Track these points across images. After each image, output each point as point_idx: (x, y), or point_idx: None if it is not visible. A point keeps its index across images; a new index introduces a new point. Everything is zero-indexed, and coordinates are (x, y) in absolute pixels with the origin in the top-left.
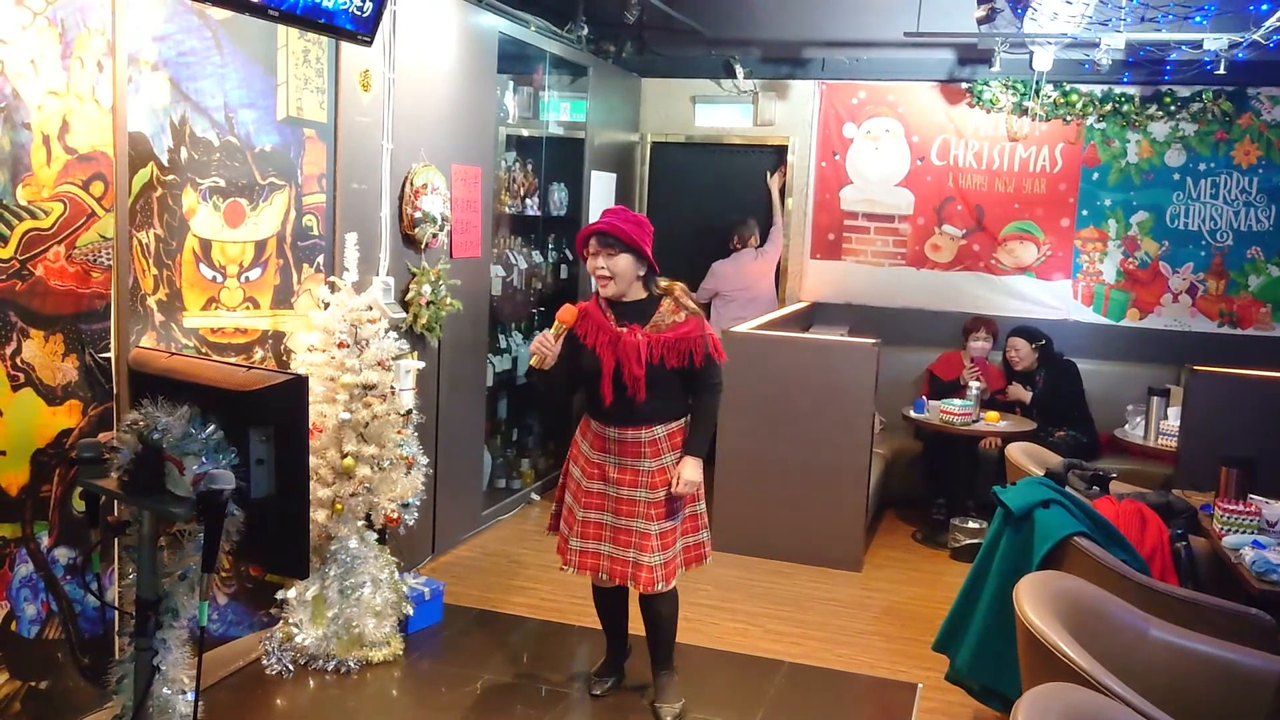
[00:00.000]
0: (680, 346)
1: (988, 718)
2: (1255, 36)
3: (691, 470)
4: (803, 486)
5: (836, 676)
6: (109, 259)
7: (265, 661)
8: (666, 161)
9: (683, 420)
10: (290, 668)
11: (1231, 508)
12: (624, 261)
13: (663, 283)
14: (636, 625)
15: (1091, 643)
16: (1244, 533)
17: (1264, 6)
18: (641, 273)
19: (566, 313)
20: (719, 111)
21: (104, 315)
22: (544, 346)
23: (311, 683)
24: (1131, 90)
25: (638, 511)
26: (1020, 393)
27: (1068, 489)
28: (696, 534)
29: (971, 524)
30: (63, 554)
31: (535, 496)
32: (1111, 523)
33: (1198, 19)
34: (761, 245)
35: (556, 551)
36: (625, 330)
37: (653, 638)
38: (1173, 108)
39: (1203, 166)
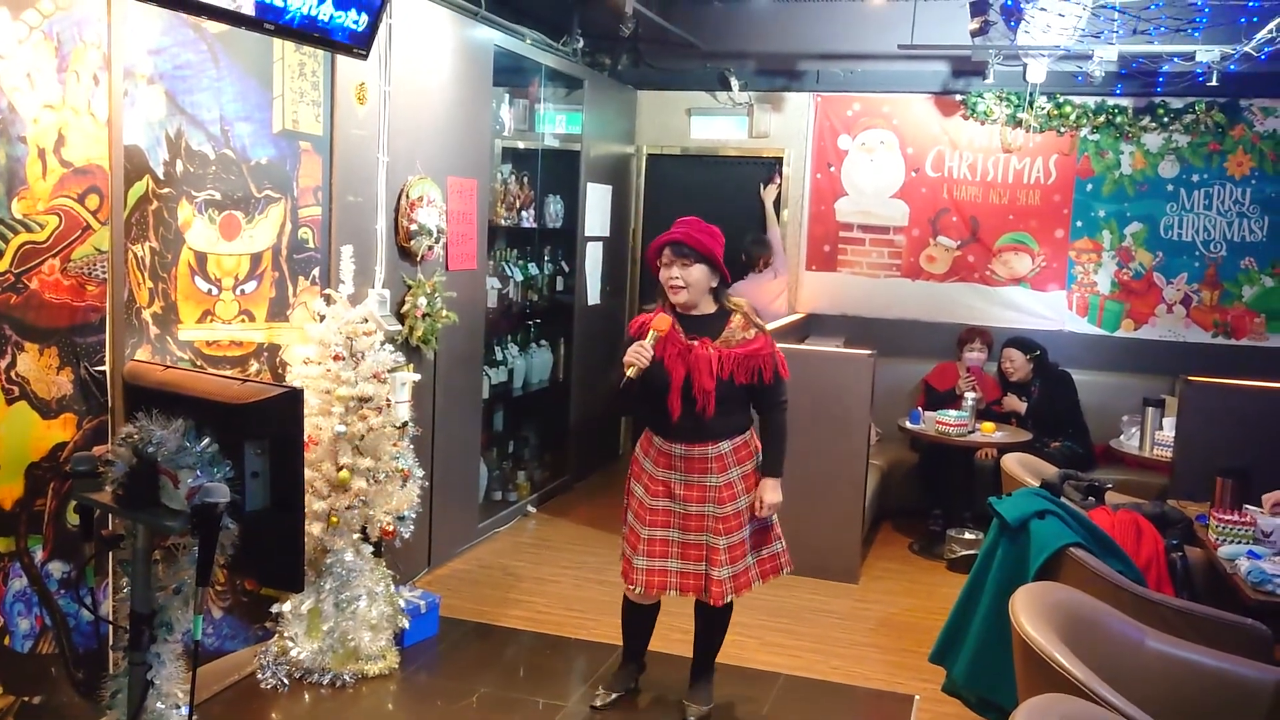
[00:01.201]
0: (750, 363)
1: None
2: (1247, 48)
3: (772, 492)
4: (799, 498)
5: (833, 688)
6: (104, 272)
7: (260, 675)
8: (662, 173)
9: (746, 434)
10: (285, 681)
11: (1227, 518)
12: (698, 271)
13: (733, 299)
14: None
15: (1087, 654)
16: (1239, 543)
17: (1255, 19)
18: (714, 283)
19: (662, 321)
20: (714, 124)
21: (99, 328)
22: (642, 357)
23: (307, 696)
24: (1125, 102)
25: (706, 526)
26: (1015, 404)
27: (1063, 500)
28: (770, 545)
29: (968, 535)
30: (57, 568)
31: (531, 509)
32: (1107, 533)
33: (1190, 31)
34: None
35: (621, 575)
36: (696, 343)
37: (704, 644)
38: (1166, 119)
39: (1196, 178)
